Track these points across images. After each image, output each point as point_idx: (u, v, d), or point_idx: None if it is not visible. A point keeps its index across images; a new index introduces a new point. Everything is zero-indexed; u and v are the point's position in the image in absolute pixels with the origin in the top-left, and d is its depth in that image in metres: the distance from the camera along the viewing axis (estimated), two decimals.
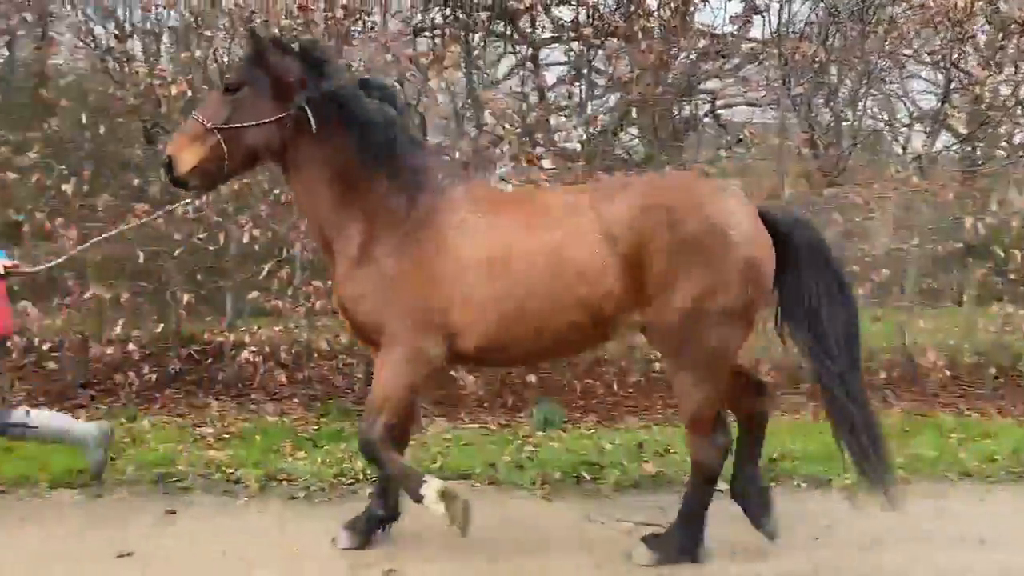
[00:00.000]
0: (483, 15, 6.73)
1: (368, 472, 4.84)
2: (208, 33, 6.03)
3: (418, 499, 3.47)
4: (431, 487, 3.45)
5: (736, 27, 7.19)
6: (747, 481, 3.80)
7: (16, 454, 4.96)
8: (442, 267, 3.51)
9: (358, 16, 6.17)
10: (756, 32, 7.40)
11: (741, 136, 7.03)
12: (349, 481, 4.79)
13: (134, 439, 5.42)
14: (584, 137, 6.61)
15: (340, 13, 5.72)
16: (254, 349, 6.11)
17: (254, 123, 3.52)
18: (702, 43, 7.06)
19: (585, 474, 4.88)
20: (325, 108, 3.55)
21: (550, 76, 7.62)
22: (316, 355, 6.54)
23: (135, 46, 6.43)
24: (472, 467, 4.93)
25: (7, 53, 7.30)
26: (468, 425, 6.07)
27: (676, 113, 7.29)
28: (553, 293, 3.45)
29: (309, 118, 3.52)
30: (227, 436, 5.57)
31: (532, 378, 6.23)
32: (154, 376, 6.30)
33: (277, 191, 6.01)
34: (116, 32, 6.39)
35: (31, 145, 6.09)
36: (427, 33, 6.96)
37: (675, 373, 3.55)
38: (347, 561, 3.68)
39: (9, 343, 5.01)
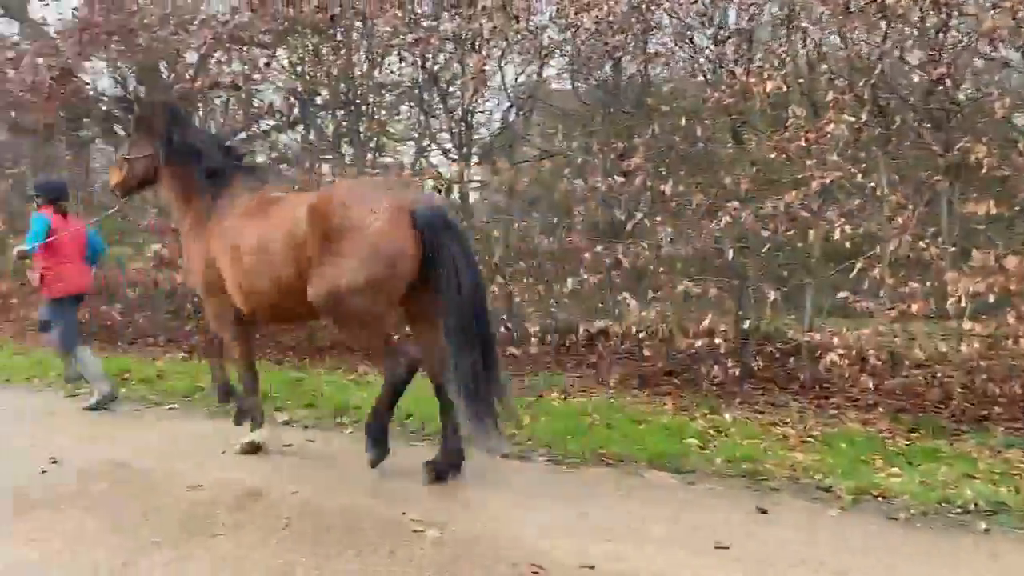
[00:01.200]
0: None
1: (979, 504, 4.22)
2: (804, 24, 5.86)
3: (226, 399, 5.64)
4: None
5: None
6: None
7: (619, 432, 5.47)
8: (213, 255, 5.08)
9: None
10: None
11: None
12: (957, 510, 4.21)
13: (716, 431, 5.57)
14: None
15: None
16: (841, 352, 5.78)
17: (135, 156, 5.51)
18: None
19: None
20: (171, 148, 5.34)
21: None
22: (907, 364, 5.94)
23: (727, 47, 6.55)
24: None
25: (612, 68, 8.11)
26: None
27: None
28: (265, 276, 4.75)
29: (159, 155, 5.40)
30: (810, 440, 5.38)
31: None
32: (736, 370, 6.39)
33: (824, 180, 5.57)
34: (713, 35, 6.62)
35: (636, 149, 6.66)
36: None
37: (340, 330, 4.73)
38: None
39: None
